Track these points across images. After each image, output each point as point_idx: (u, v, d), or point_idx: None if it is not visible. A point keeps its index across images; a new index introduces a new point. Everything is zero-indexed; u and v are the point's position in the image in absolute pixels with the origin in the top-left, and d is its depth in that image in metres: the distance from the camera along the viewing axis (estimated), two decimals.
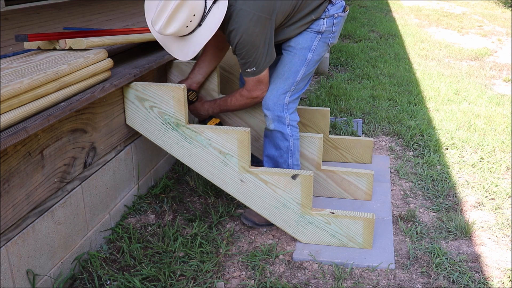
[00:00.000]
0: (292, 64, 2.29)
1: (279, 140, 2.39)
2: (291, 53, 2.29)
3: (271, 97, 2.33)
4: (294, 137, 2.41)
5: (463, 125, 3.77)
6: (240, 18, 2.07)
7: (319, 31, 2.27)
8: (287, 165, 2.44)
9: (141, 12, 4.35)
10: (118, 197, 2.40)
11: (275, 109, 2.33)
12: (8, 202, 1.66)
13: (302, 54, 2.28)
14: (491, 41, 7.24)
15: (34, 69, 1.80)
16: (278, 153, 2.42)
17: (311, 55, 2.29)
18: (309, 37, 2.27)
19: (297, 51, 2.28)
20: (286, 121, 2.36)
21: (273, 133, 2.39)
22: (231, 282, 2.08)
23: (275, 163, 2.46)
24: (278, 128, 2.36)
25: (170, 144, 2.31)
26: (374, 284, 2.08)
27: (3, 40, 2.74)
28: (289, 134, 2.38)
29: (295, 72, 2.30)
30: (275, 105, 2.32)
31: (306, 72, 2.33)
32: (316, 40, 2.28)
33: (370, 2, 10.46)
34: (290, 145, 2.40)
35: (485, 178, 2.99)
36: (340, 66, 5.49)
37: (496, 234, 2.46)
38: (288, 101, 2.34)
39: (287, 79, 2.31)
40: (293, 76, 2.30)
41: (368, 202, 2.67)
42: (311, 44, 2.28)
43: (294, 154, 2.43)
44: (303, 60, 2.29)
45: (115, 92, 2.24)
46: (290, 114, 2.37)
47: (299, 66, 2.29)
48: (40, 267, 1.85)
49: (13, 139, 1.55)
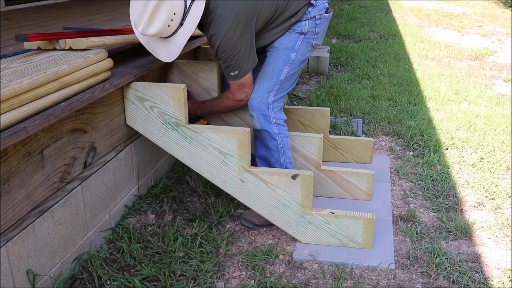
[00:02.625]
0: (275, 64, 2.33)
1: (267, 140, 2.42)
2: (274, 54, 2.33)
3: (255, 96, 2.37)
4: (282, 135, 2.43)
5: (463, 125, 3.77)
6: (220, 23, 2.11)
7: (302, 31, 2.30)
8: (280, 164, 2.45)
9: None
10: (118, 197, 2.40)
11: (260, 109, 2.36)
12: (8, 202, 1.66)
13: (285, 54, 2.31)
14: (491, 41, 7.24)
15: (34, 69, 1.80)
16: (269, 153, 2.44)
17: (294, 54, 2.32)
18: (292, 37, 2.30)
19: (280, 51, 2.32)
20: (271, 120, 2.39)
21: (260, 133, 2.42)
22: (231, 282, 2.08)
23: (267, 163, 2.48)
24: (264, 128, 2.39)
25: (170, 144, 2.31)
26: (374, 284, 2.08)
27: (3, 40, 2.74)
28: (276, 133, 2.40)
29: (279, 71, 2.33)
30: (259, 104, 2.36)
31: (290, 72, 2.36)
32: (299, 40, 2.31)
33: (370, 2, 10.46)
34: (278, 144, 2.42)
35: (485, 178, 2.99)
36: (340, 66, 5.49)
37: (496, 234, 2.46)
38: (272, 100, 2.37)
39: (271, 79, 2.34)
40: (276, 75, 2.34)
41: (368, 202, 2.67)
42: (294, 44, 2.31)
43: (285, 152, 2.45)
44: (287, 59, 2.32)
45: (115, 92, 2.24)
46: (275, 113, 2.39)
47: (283, 65, 2.33)
48: (40, 267, 1.85)
49: (13, 139, 1.55)
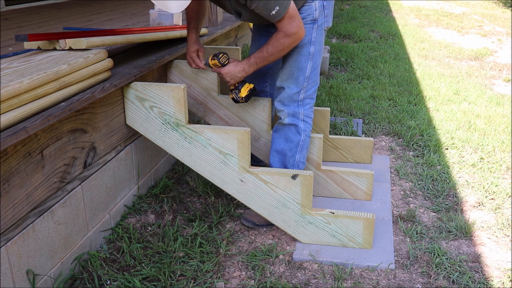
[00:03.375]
0: (298, 63, 2.32)
1: (292, 133, 2.43)
2: (294, 52, 2.31)
3: (285, 95, 2.38)
4: (307, 133, 2.45)
5: (463, 125, 3.77)
6: None
7: (313, 19, 2.28)
8: (294, 160, 2.45)
9: (141, 12, 4.35)
10: (118, 197, 2.40)
11: (290, 106, 2.38)
12: (8, 202, 1.66)
13: (305, 51, 2.31)
14: (491, 41, 7.24)
15: (34, 69, 1.80)
16: (288, 146, 2.44)
17: (313, 48, 2.32)
18: (307, 31, 2.29)
19: (299, 49, 2.31)
20: (300, 116, 2.41)
21: (286, 127, 2.43)
22: (231, 282, 2.08)
23: (282, 157, 2.47)
24: (292, 122, 2.40)
25: (170, 144, 2.31)
26: (374, 284, 2.08)
27: (3, 40, 2.74)
28: (302, 129, 2.42)
29: (303, 69, 2.33)
30: (290, 102, 2.38)
31: (313, 65, 2.36)
32: (314, 31, 2.30)
33: (370, 2, 10.46)
34: (301, 140, 2.43)
35: (485, 178, 2.99)
36: (340, 66, 5.49)
37: (496, 234, 2.46)
38: (302, 97, 2.39)
39: (297, 78, 2.35)
40: (302, 73, 2.34)
41: (368, 202, 2.67)
42: (311, 37, 2.31)
43: (302, 150, 2.46)
44: (307, 55, 2.32)
45: (115, 92, 2.24)
46: (305, 110, 2.41)
47: (305, 62, 2.33)
48: (40, 267, 1.85)
49: (13, 139, 1.55)
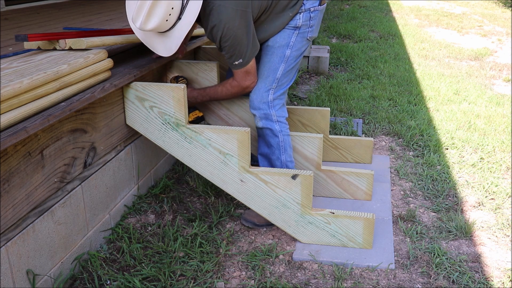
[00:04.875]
0: (271, 63, 2.35)
1: (269, 137, 2.44)
2: (269, 52, 2.35)
3: (254, 96, 2.39)
4: (284, 133, 2.45)
5: (463, 125, 3.77)
6: (220, 13, 2.11)
7: (296, 26, 2.31)
8: (280, 161, 2.46)
9: None
10: (118, 197, 2.40)
11: (261, 108, 2.39)
12: (8, 202, 1.66)
13: (280, 52, 2.33)
14: (491, 41, 7.24)
15: (34, 69, 1.80)
16: (270, 150, 2.46)
17: (290, 51, 2.34)
18: (286, 34, 2.32)
19: (274, 49, 2.34)
20: (273, 118, 2.41)
21: (263, 131, 2.44)
22: (231, 282, 2.08)
23: (269, 161, 2.49)
24: (266, 125, 2.41)
25: (170, 144, 2.31)
26: (374, 284, 2.08)
27: (3, 40, 2.74)
28: (278, 130, 2.42)
29: (275, 69, 2.35)
30: (260, 103, 2.39)
31: (286, 68, 2.37)
32: (294, 36, 2.32)
33: (370, 2, 10.46)
34: (280, 141, 2.44)
35: (485, 178, 2.99)
36: (340, 66, 5.49)
37: (496, 234, 2.46)
38: (272, 98, 2.39)
39: (267, 78, 2.36)
40: (273, 73, 2.36)
41: (368, 202, 2.67)
42: (289, 40, 2.33)
43: (286, 150, 2.46)
44: (282, 57, 2.34)
45: (115, 92, 2.24)
46: (276, 111, 2.42)
47: (278, 63, 2.35)
48: (40, 267, 1.85)
49: (13, 139, 1.55)
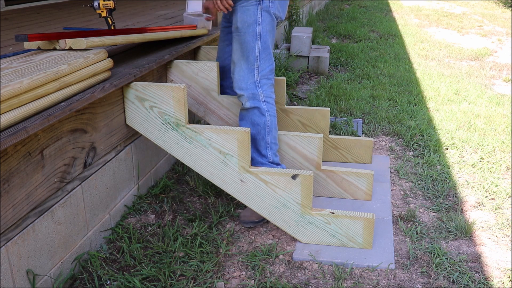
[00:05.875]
0: (246, 43, 2.38)
1: (256, 116, 2.45)
2: (241, 33, 2.38)
3: (240, 77, 2.42)
4: (271, 114, 2.46)
5: (463, 125, 3.77)
6: None
7: (258, 0, 2.34)
8: (265, 142, 2.47)
9: (141, 12, 4.35)
10: (118, 197, 2.40)
11: (248, 88, 2.41)
12: (8, 202, 1.66)
13: (251, 30, 2.37)
14: (491, 41, 7.24)
15: (34, 69, 1.80)
16: (255, 129, 2.46)
17: (260, 27, 2.37)
18: (251, 12, 2.35)
19: (245, 29, 2.37)
20: (260, 98, 2.43)
21: (249, 111, 2.45)
22: (231, 282, 2.08)
23: (253, 142, 2.49)
24: (254, 105, 2.43)
25: (170, 144, 2.31)
26: (374, 284, 2.08)
27: (3, 40, 2.74)
28: (265, 109, 2.44)
29: (252, 48, 2.38)
30: (246, 84, 2.41)
31: (263, 45, 2.40)
32: (259, 11, 2.36)
33: (370, 2, 10.46)
34: (267, 121, 2.45)
35: (485, 178, 2.99)
36: (340, 66, 5.49)
37: (496, 234, 2.46)
38: (258, 77, 2.42)
39: (248, 58, 2.39)
40: (252, 53, 2.39)
41: (368, 202, 2.67)
42: (256, 17, 2.36)
43: (271, 131, 2.47)
44: (254, 35, 2.37)
45: (115, 92, 2.24)
46: (264, 91, 2.44)
47: (253, 42, 2.38)
48: (40, 267, 1.85)
49: (13, 139, 1.55)
